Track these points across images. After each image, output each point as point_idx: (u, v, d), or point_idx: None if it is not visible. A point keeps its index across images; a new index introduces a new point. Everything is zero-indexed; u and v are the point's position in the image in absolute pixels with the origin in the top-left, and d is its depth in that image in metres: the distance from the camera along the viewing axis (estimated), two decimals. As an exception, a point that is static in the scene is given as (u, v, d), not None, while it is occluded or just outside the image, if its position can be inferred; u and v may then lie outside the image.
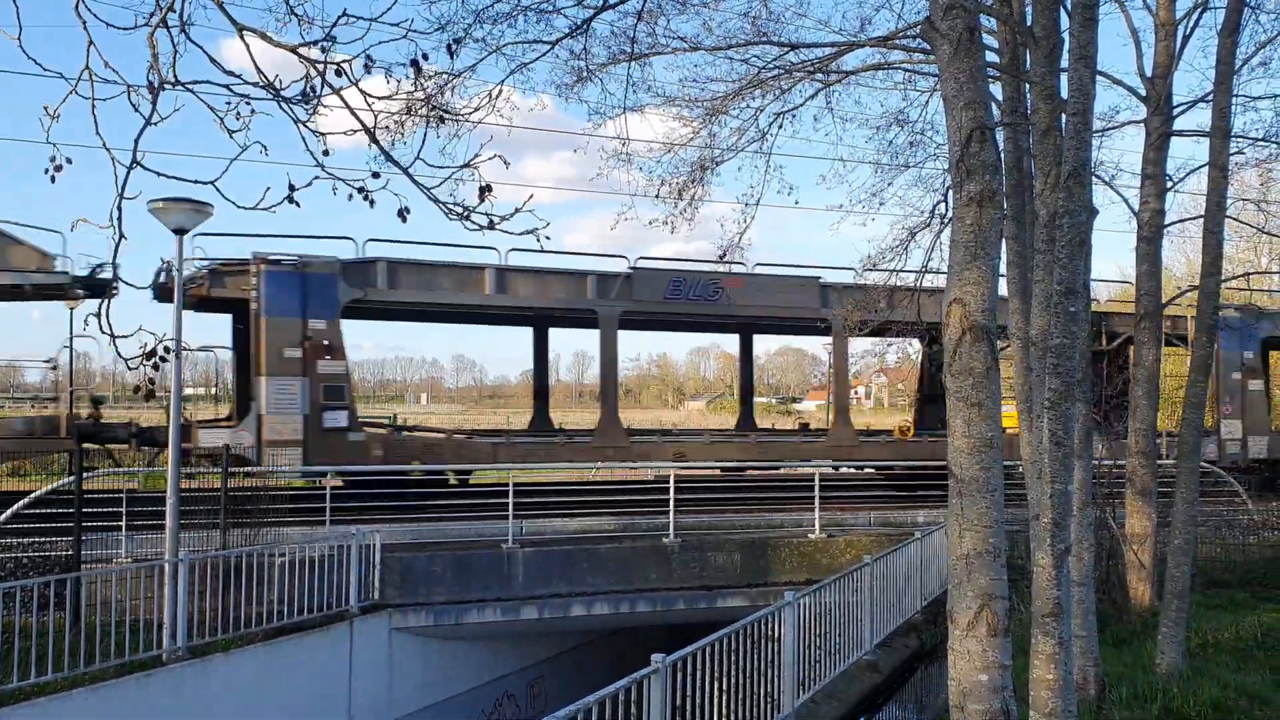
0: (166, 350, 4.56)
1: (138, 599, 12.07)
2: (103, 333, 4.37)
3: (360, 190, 4.61)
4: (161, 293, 18.64)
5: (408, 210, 4.80)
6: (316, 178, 4.50)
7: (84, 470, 13.74)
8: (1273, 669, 12.05)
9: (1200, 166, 14.72)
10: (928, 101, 14.99)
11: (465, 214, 4.74)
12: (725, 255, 15.42)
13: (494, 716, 16.38)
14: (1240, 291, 29.39)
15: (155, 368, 4.55)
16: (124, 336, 4.39)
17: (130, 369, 4.57)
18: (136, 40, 4.26)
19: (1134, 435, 14.26)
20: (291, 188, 4.43)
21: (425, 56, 4.80)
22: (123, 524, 14.52)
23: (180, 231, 12.28)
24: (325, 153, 4.57)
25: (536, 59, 11.21)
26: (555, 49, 11.25)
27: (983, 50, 6.97)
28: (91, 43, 4.04)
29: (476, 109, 10.41)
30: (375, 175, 4.64)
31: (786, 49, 13.28)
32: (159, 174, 4.41)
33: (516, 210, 4.76)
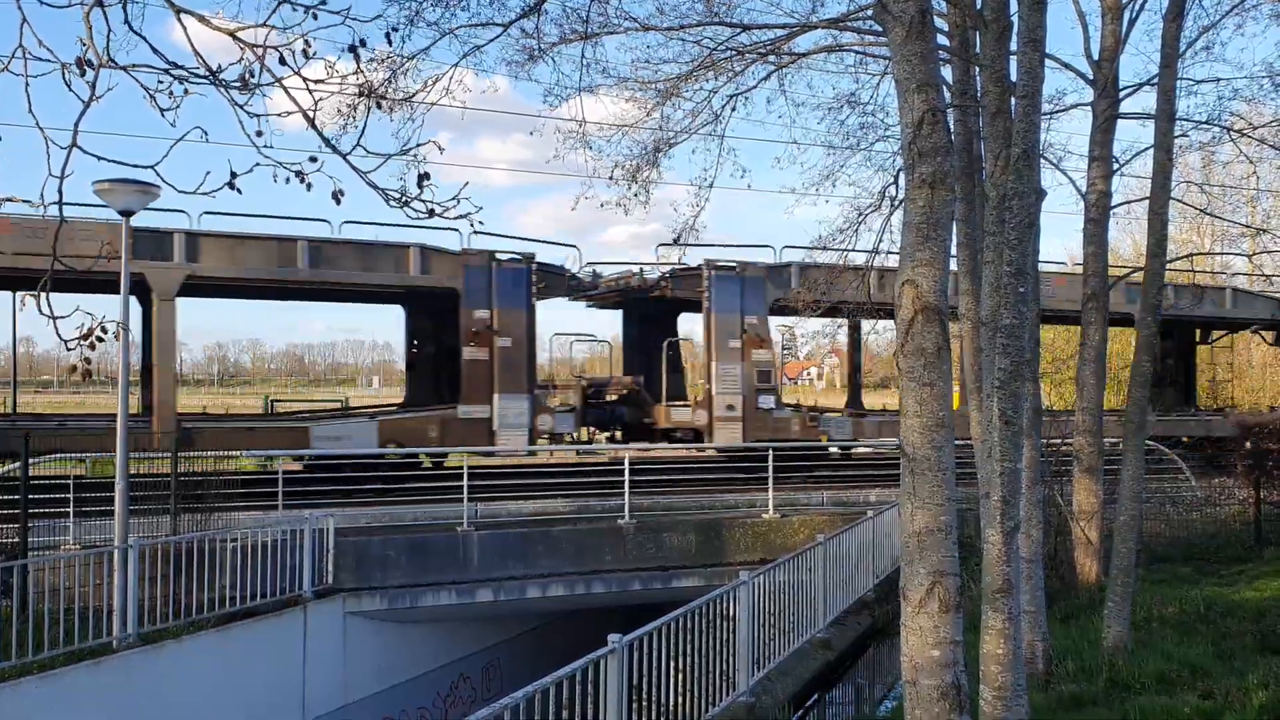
0: (104, 331, 4.51)
1: (87, 586, 11.89)
2: (41, 314, 4.32)
3: (298, 174, 4.57)
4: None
5: (342, 193, 4.78)
6: (257, 164, 4.45)
7: (30, 455, 13.51)
8: (1214, 641, 12.32)
9: (1146, 149, 14.94)
10: (879, 84, 15.05)
11: (404, 201, 4.72)
12: (679, 238, 15.45)
13: (450, 699, 16.36)
14: (1183, 272, 29.97)
15: (91, 347, 4.51)
16: (63, 317, 4.34)
17: (68, 349, 4.53)
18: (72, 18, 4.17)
19: (1081, 414, 14.49)
20: (233, 174, 4.38)
21: (363, 42, 4.76)
22: (70, 510, 14.31)
23: (127, 213, 12.09)
24: (258, 133, 4.52)
25: (490, 41, 11.14)
26: (508, 30, 11.18)
27: (934, 33, 7.02)
28: (25, 20, 3.96)
29: (421, 90, 10.38)
30: (313, 159, 4.60)
31: (739, 30, 13.28)
32: (99, 158, 4.32)
33: (454, 199, 4.75)
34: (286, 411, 31.94)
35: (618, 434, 24.52)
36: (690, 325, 27.17)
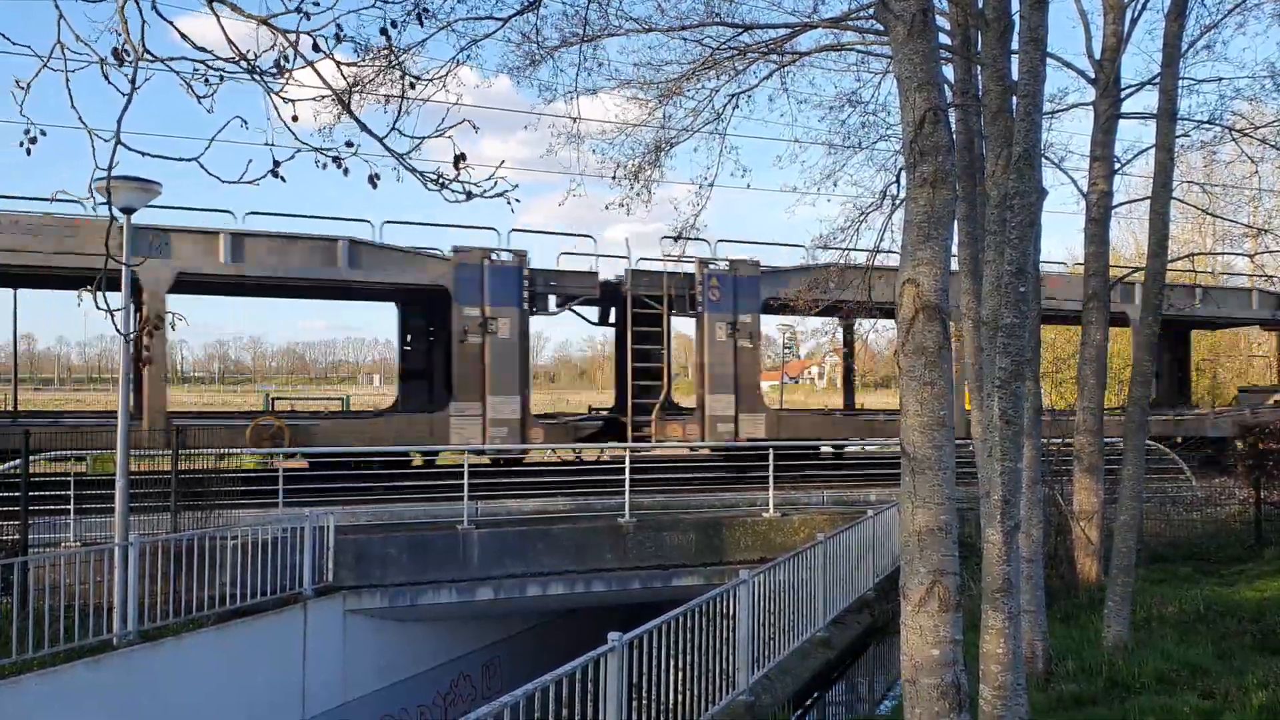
0: (160, 320, 4.56)
1: (87, 583, 11.90)
2: (98, 308, 4.39)
3: (335, 160, 4.61)
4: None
5: (378, 177, 4.80)
6: (299, 149, 4.48)
7: (30, 452, 13.52)
8: (1214, 641, 12.32)
9: (1147, 148, 14.95)
10: (880, 83, 15.08)
11: (443, 184, 4.74)
12: (680, 236, 15.48)
13: (449, 697, 16.37)
14: (1185, 272, 29.94)
15: (150, 335, 4.58)
16: (119, 310, 4.40)
17: (127, 341, 4.62)
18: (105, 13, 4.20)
19: (1081, 414, 14.49)
20: (276, 162, 4.42)
21: (395, 24, 4.79)
22: (71, 507, 14.31)
23: (128, 211, 12.09)
24: (294, 118, 4.56)
25: (487, 35, 11.12)
26: (507, 28, 11.18)
27: (935, 32, 7.02)
28: (61, 16, 3.98)
29: (421, 80, 10.35)
30: (349, 144, 4.65)
31: (740, 30, 13.31)
32: (143, 154, 4.39)
33: (491, 178, 4.78)
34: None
35: None
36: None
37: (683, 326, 25.50)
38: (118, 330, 4.47)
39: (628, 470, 16.67)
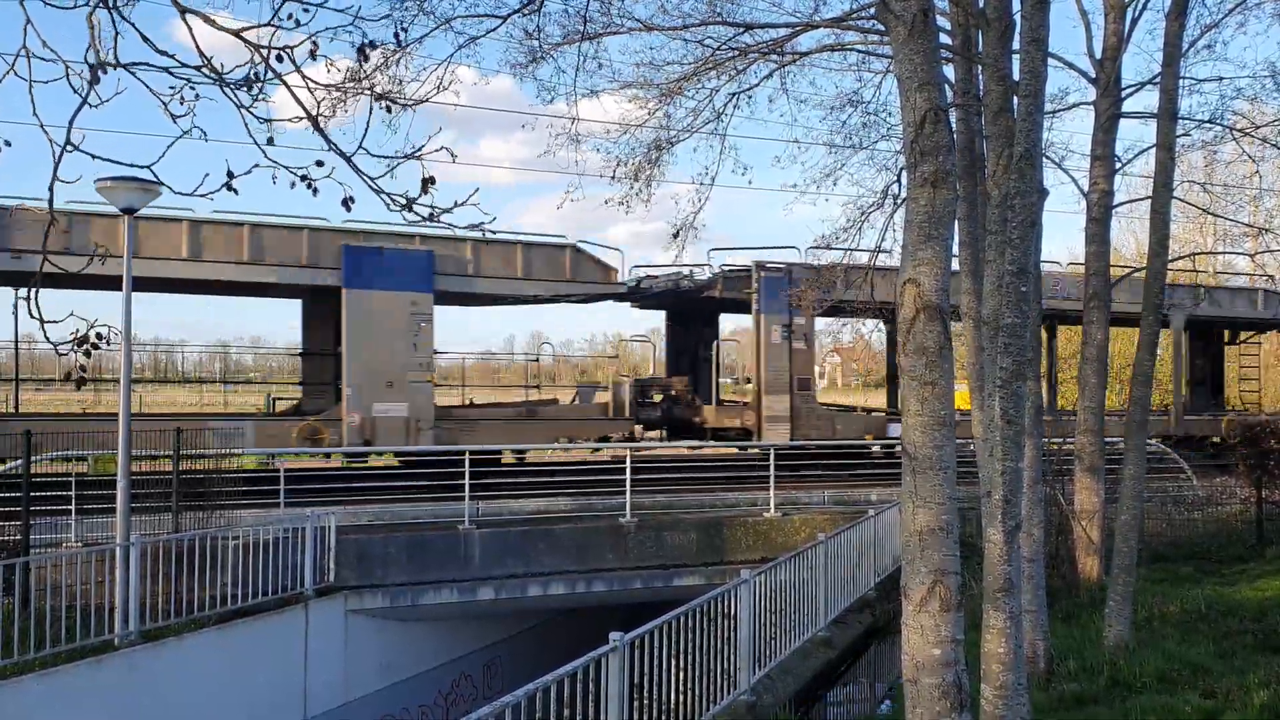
0: (99, 337, 4.36)
1: (88, 583, 11.90)
2: (32, 317, 4.22)
3: (303, 178, 4.50)
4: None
5: (352, 200, 4.69)
6: (256, 165, 4.38)
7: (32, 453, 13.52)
8: (1215, 640, 12.33)
9: (1148, 148, 14.94)
10: (881, 83, 15.05)
11: (408, 204, 4.64)
12: (679, 235, 15.45)
13: (450, 697, 16.37)
14: (1186, 271, 29.92)
15: (87, 354, 4.34)
16: (54, 322, 4.22)
17: (60, 355, 4.37)
18: (77, 19, 4.15)
19: (1082, 413, 14.47)
20: (230, 174, 4.30)
21: (373, 44, 4.70)
22: (72, 507, 14.31)
23: (129, 211, 12.09)
24: (270, 140, 4.46)
25: (487, 33, 11.10)
26: (508, 26, 11.14)
27: (936, 32, 7.02)
28: (29, 21, 3.94)
29: (415, 82, 10.30)
30: (319, 164, 4.48)
31: (741, 29, 13.28)
32: (94, 156, 4.23)
33: (459, 203, 4.65)
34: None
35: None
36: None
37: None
38: (48, 341, 4.27)
39: (628, 470, 16.67)
